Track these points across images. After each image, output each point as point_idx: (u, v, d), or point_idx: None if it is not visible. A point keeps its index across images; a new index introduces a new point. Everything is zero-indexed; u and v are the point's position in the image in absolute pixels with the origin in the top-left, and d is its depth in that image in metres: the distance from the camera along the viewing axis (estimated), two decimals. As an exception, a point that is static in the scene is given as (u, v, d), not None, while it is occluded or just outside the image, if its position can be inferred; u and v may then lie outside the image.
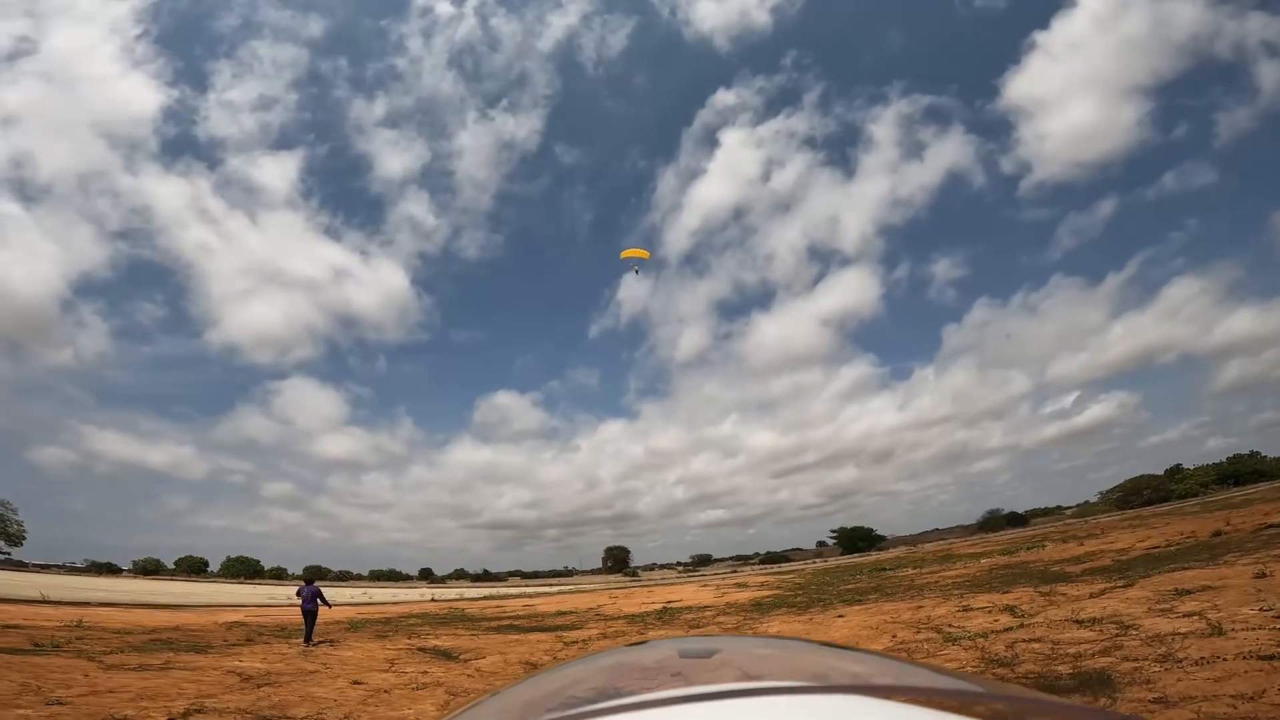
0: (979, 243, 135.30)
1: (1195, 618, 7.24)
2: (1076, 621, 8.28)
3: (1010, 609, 10.47)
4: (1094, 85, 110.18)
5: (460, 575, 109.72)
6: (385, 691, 8.56)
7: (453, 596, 45.97)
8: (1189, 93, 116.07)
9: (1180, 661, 5.58)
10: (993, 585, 14.80)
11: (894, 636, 9.83)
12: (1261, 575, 8.94)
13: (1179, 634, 6.63)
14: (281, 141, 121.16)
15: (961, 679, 0.97)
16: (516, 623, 20.82)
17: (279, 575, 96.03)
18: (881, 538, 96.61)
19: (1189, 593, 8.88)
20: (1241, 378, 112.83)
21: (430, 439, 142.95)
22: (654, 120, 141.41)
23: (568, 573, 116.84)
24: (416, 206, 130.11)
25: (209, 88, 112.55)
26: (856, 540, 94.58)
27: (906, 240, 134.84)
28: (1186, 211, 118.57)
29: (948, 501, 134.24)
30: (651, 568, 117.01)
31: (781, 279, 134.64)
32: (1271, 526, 15.18)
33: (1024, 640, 7.66)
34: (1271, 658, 5.08)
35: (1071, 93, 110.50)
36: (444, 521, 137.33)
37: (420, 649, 14.32)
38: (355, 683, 9.23)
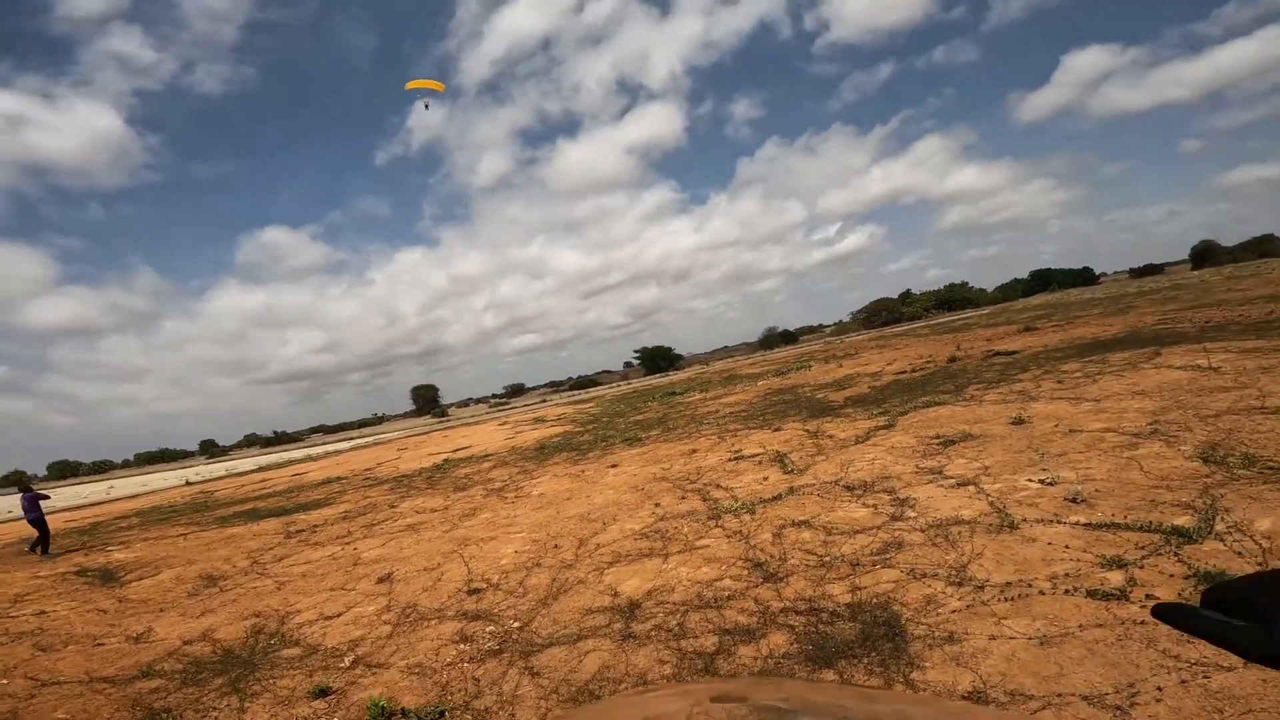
0: (775, 88, 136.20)
1: (972, 490, 6.21)
2: (848, 488, 7.12)
3: (780, 460, 9.43)
4: None
5: (252, 441, 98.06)
6: None
7: (220, 473, 39.39)
8: None
9: (981, 588, 4.13)
10: (766, 418, 14.37)
11: (657, 505, 8.23)
12: (1019, 421, 8.51)
13: (963, 521, 5.42)
14: None
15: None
16: (260, 505, 17.14)
17: (17, 481, 77.23)
18: (679, 356, 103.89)
19: (952, 443, 8.21)
20: (960, 221, 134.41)
21: (183, 288, 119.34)
22: None
23: (376, 420, 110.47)
24: (125, 43, 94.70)
25: None
26: (658, 360, 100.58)
27: (712, 80, 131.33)
28: (946, 81, 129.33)
29: (735, 319, 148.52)
30: (466, 403, 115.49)
31: (588, 109, 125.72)
32: (998, 354, 16.44)
33: (793, 524, 6.22)
34: (1106, 596, 3.69)
35: None
36: (221, 381, 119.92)
37: (80, 571, 10.44)
38: None
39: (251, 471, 36.51)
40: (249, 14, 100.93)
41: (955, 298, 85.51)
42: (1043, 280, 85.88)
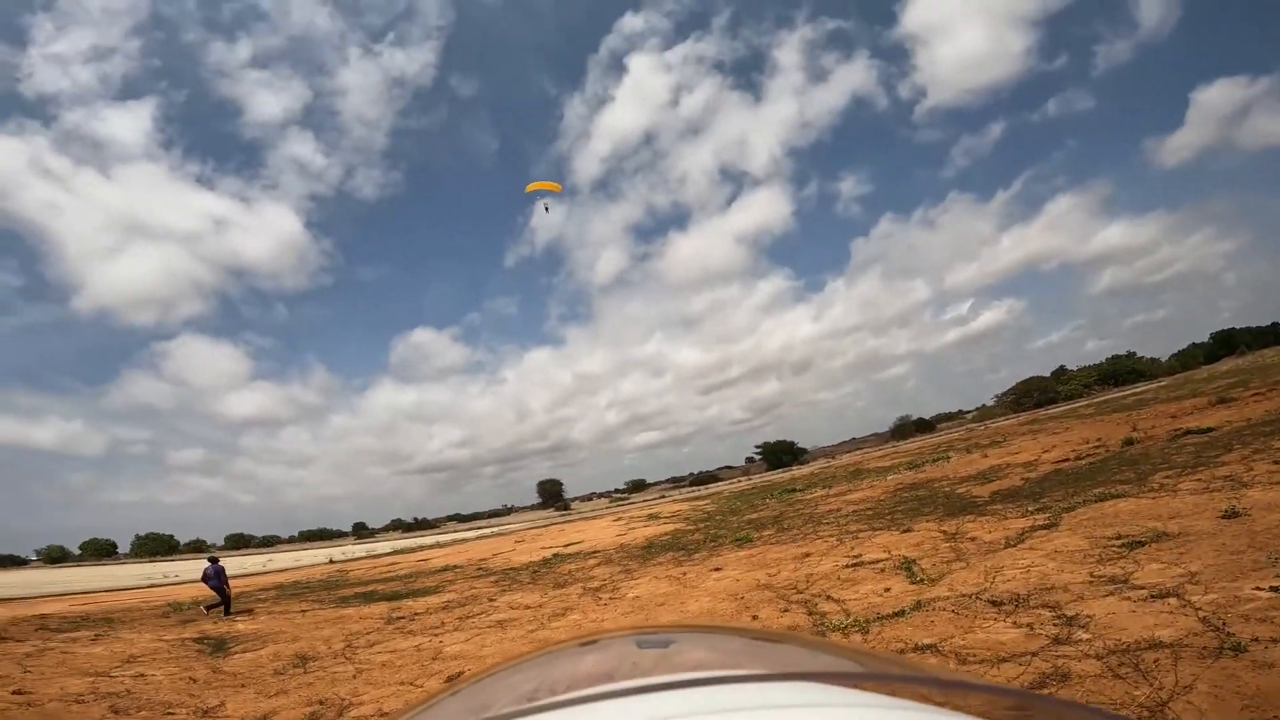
0: (881, 162, 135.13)
1: (1174, 603, 4.56)
2: (994, 603, 5.59)
3: (907, 566, 7.86)
4: (985, 14, 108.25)
5: (396, 525, 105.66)
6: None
7: (360, 553, 42.34)
8: (1072, 24, 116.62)
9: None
10: (894, 517, 12.51)
11: (754, 618, 7.04)
12: (1232, 514, 6.47)
13: (1160, 645, 3.88)
14: (127, 91, 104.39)
15: (912, 667, 0.94)
16: (380, 587, 17.72)
17: (200, 548, 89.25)
18: (803, 450, 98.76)
19: (1140, 544, 6.35)
20: (1114, 284, 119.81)
21: (347, 385, 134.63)
22: (558, 48, 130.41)
23: (505, 511, 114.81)
24: (301, 148, 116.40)
25: (29, 43, 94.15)
26: (780, 454, 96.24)
27: (814, 160, 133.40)
28: (1067, 134, 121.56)
29: (864, 408, 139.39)
30: (590, 498, 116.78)
31: (695, 200, 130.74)
32: (1190, 433, 13.42)
33: (915, 649, 4.86)
34: None
35: (965, 21, 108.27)
36: (375, 470, 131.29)
37: (200, 639, 10.99)
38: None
39: (387, 554, 38.74)
40: (394, 121, 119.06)
41: (1122, 370, 74.76)
42: (1227, 342, 72.93)
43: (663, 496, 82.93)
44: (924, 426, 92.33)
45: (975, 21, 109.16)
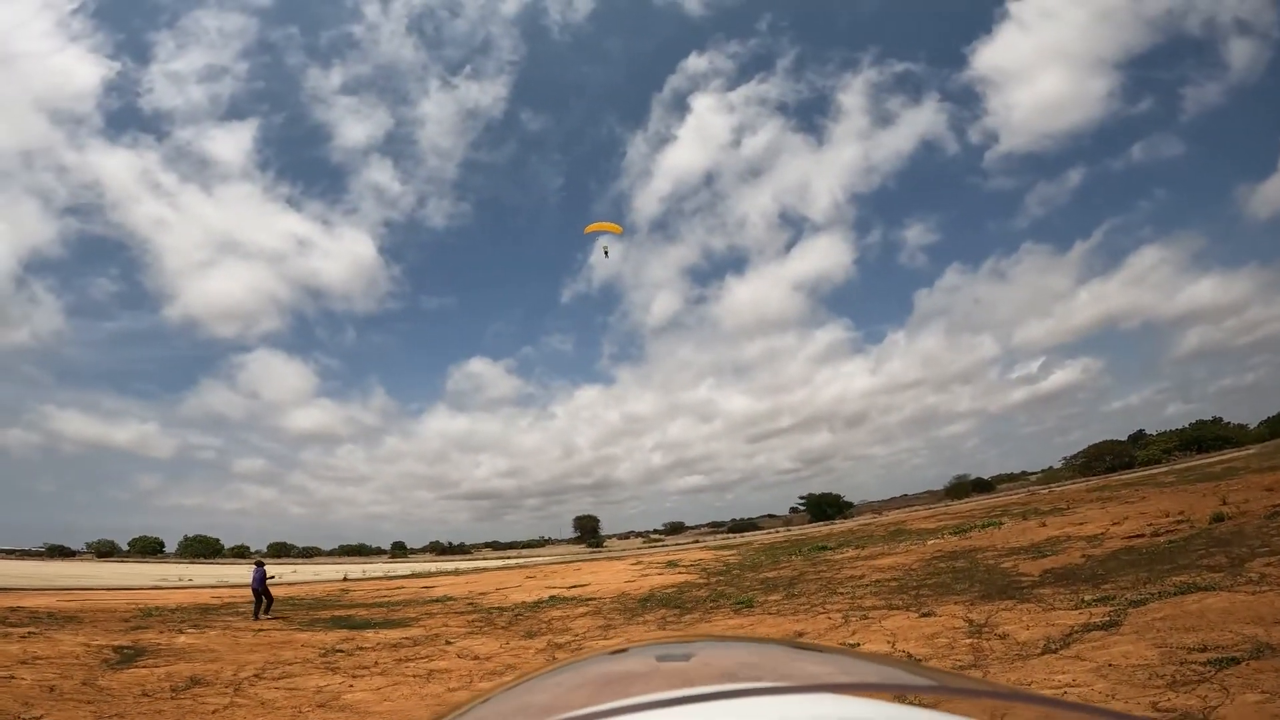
0: (949, 209, 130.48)
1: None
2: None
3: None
4: (1064, 57, 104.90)
5: (434, 548, 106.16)
6: None
7: (379, 573, 41.73)
8: (1158, 67, 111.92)
9: None
10: (919, 593, 10.46)
11: None
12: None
13: None
14: (233, 112, 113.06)
15: (936, 674, 0.93)
16: (360, 613, 16.75)
17: (242, 553, 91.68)
18: (849, 504, 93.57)
19: (1232, 661, 4.43)
20: (1202, 345, 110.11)
21: (404, 409, 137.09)
22: (623, 86, 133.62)
23: (541, 543, 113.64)
24: (380, 175, 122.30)
25: (151, 59, 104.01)
26: (824, 507, 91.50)
27: (878, 206, 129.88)
28: (1154, 182, 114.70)
29: (920, 465, 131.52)
30: (628, 535, 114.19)
31: (753, 244, 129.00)
32: (1297, 510, 10.87)
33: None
34: None
35: (1042, 64, 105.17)
36: (422, 493, 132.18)
37: (118, 648, 10.18)
38: None
39: (405, 576, 37.94)
40: (466, 153, 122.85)
41: (1206, 436, 67.84)
42: (1323, 410, 65.25)
43: (696, 542, 79.63)
44: (982, 487, 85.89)
45: (1051, 63, 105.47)
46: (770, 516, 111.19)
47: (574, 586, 21.78)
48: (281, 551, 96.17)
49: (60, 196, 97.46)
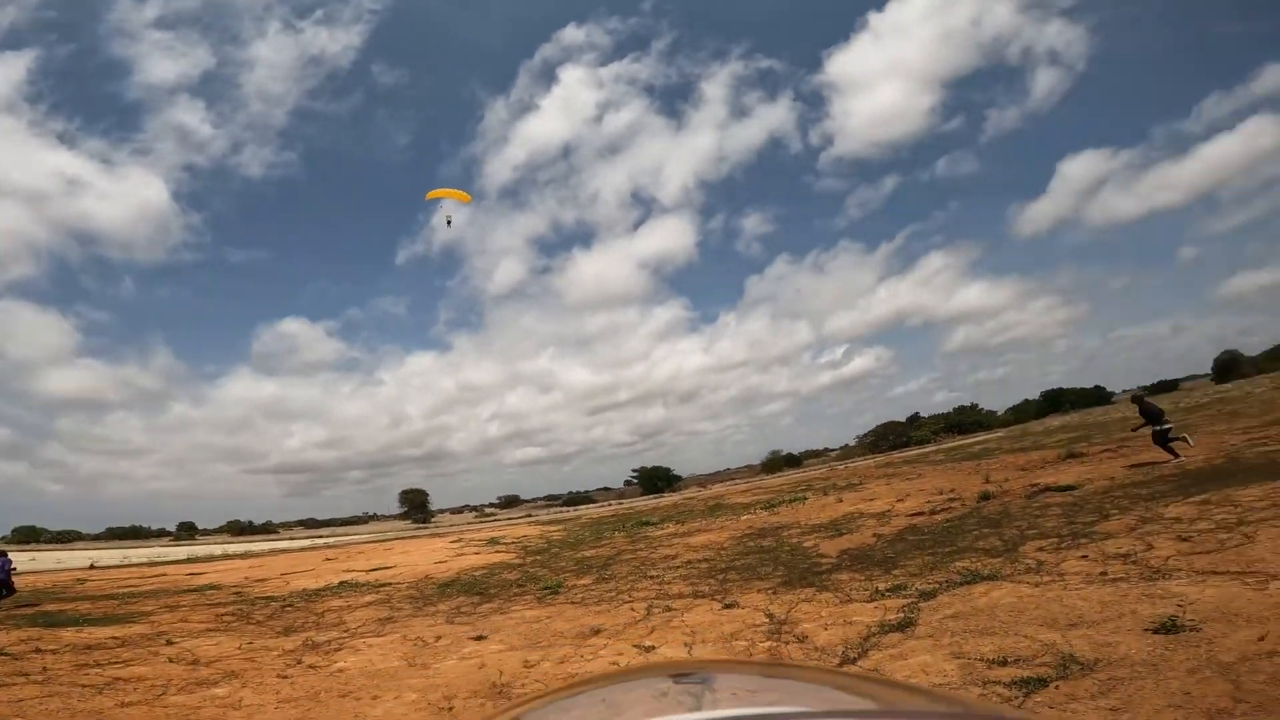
0: (785, 204, 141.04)
1: None
2: None
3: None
4: (904, 72, 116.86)
5: (232, 528, 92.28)
6: None
7: (143, 559, 34.55)
8: (974, 88, 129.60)
9: None
10: (727, 578, 9.80)
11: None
12: (1172, 628, 4.08)
13: None
14: (8, 42, 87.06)
15: (958, 701, 0.95)
16: (82, 607, 12.95)
17: None
18: (678, 477, 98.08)
19: (1039, 684, 3.77)
20: (967, 342, 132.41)
21: (196, 372, 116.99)
22: (492, 49, 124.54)
23: (364, 519, 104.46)
24: (188, 116, 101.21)
25: None
26: (655, 480, 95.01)
27: (724, 194, 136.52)
28: (950, 195, 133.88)
29: (742, 441, 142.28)
30: (462, 510, 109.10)
31: (603, 220, 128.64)
32: (1050, 490, 11.95)
33: None
34: None
35: (884, 76, 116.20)
36: (220, 466, 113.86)
37: None
38: None
39: (177, 561, 31.95)
40: (299, 101, 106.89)
41: (966, 421, 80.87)
42: (1055, 401, 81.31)
43: (529, 515, 78.23)
44: (792, 462, 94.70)
45: (892, 76, 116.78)
46: (607, 489, 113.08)
47: (376, 569, 19.13)
48: (30, 537, 77.40)
49: None
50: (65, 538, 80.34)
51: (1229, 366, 74.14)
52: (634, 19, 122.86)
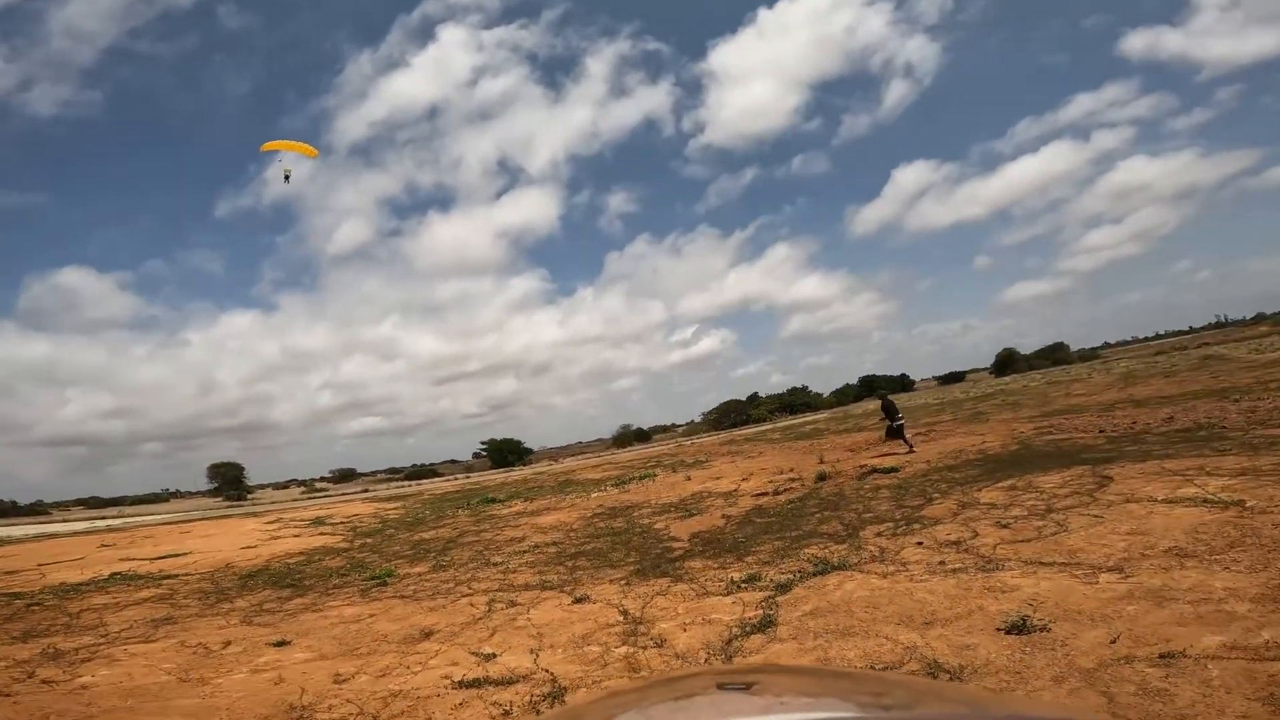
0: (651, 185, 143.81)
1: None
2: None
3: (554, 699, 4.18)
4: (779, 69, 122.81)
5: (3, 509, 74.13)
6: None
7: None
8: (835, 93, 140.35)
9: None
10: (577, 565, 9.11)
11: None
12: (1023, 628, 4.01)
13: None
14: None
15: (1012, 705, 0.98)
16: None
17: None
18: (529, 450, 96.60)
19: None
20: (800, 329, 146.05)
21: None
22: (367, 1, 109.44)
23: (164, 497, 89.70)
24: None
25: None
26: (505, 453, 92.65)
27: (593, 170, 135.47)
28: (800, 191, 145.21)
29: (595, 415, 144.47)
30: (288, 485, 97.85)
31: (464, 186, 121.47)
32: (876, 472, 12.84)
33: None
34: None
35: (761, 71, 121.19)
36: None
37: None
38: None
39: None
40: (117, 39, 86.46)
41: (797, 402, 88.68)
42: (870, 386, 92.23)
43: (365, 491, 72.19)
44: (642, 436, 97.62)
45: (767, 72, 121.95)
46: (453, 462, 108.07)
47: (165, 557, 15.77)
48: None
49: None
50: None
51: (1007, 362, 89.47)
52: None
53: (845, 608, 5.36)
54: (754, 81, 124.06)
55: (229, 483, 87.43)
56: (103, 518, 58.92)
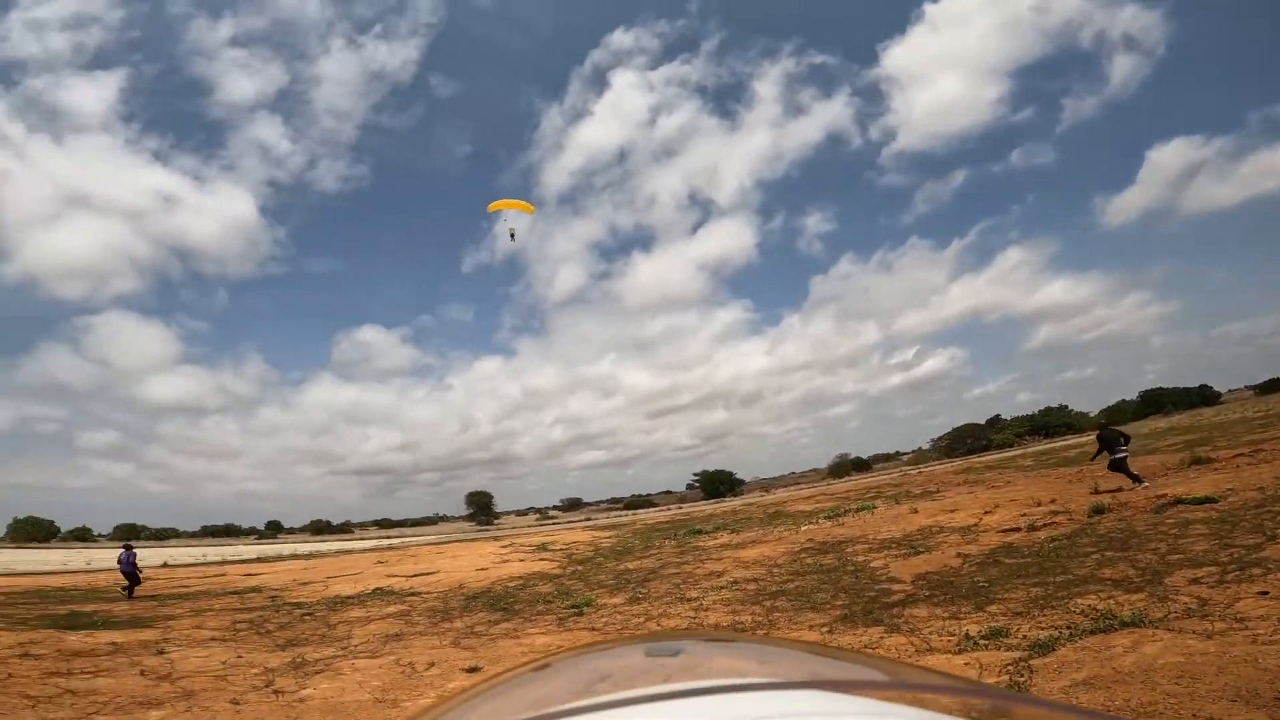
0: (846, 201, 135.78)
1: None
2: None
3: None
4: (965, 62, 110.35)
5: (314, 528, 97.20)
6: None
7: (216, 558, 36.02)
8: (1045, 77, 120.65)
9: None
10: (775, 606, 8.22)
11: None
12: None
13: None
14: (99, 61, 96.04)
15: (928, 673, 0.90)
16: (114, 609, 12.58)
17: (82, 536, 79.04)
18: (740, 481, 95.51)
19: None
20: (1050, 340, 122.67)
21: (283, 378, 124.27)
22: (543, 57, 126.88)
23: (433, 521, 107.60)
24: (268, 132, 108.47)
25: (13, 5, 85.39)
26: (717, 484, 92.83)
27: (782, 193, 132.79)
28: (1026, 187, 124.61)
29: (807, 444, 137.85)
30: (526, 512, 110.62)
31: (661, 223, 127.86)
32: (1183, 503, 9.62)
33: None
34: None
35: (944, 66, 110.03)
36: (305, 468, 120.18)
37: None
38: None
39: (248, 560, 33.52)
40: (366, 116, 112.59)
41: (1053, 422, 74.26)
42: (1155, 402, 73.29)
43: (588, 519, 77.95)
44: (861, 466, 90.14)
45: (952, 67, 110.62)
46: (668, 493, 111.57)
47: (418, 574, 18.57)
48: (131, 534, 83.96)
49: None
50: (163, 535, 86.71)
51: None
52: (681, 21, 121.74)
53: (1143, 677, 3.80)
54: (940, 78, 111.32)
55: (481, 509, 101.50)
56: (387, 537, 72.52)
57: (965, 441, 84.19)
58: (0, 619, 11.10)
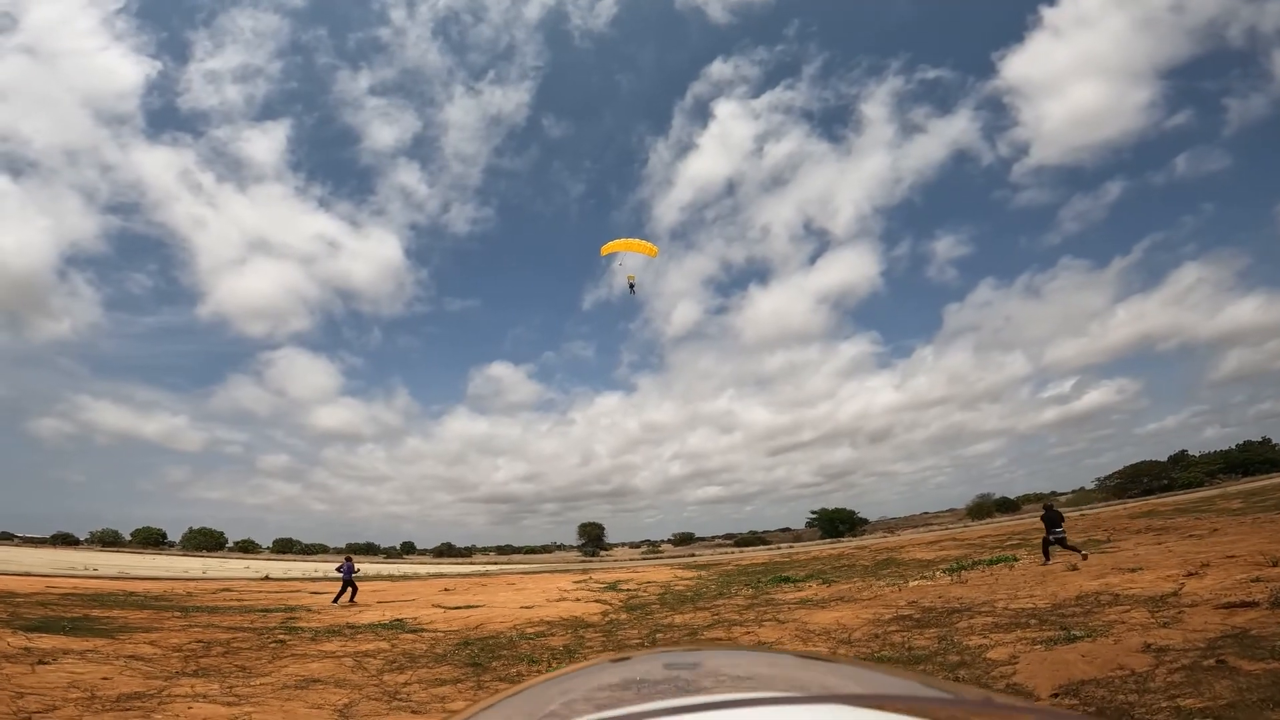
0: (980, 223, 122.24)
1: None
2: None
3: None
4: (1099, 66, 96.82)
5: (441, 550, 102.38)
6: None
7: (311, 572, 37.14)
8: (1199, 77, 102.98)
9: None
10: None
11: None
12: None
13: None
14: (267, 112, 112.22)
15: (947, 688, 0.90)
16: (134, 617, 11.73)
17: (248, 548, 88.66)
18: (862, 521, 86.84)
19: None
20: (1241, 367, 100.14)
21: (425, 410, 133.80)
22: (645, 93, 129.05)
23: (549, 549, 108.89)
24: (408, 177, 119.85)
25: (190, 58, 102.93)
26: (836, 523, 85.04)
27: (905, 218, 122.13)
28: (1199, 196, 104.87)
29: (943, 484, 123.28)
30: (640, 544, 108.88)
31: (776, 255, 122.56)
32: None
33: None
34: None
35: (1076, 73, 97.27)
36: (441, 494, 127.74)
37: None
38: None
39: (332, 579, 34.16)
40: (489, 159, 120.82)
41: (1254, 459, 60.13)
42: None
43: (693, 555, 74.07)
44: (1006, 507, 78.11)
45: (1085, 73, 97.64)
46: (785, 530, 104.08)
47: (461, 607, 16.82)
48: (285, 548, 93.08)
49: (102, 193, 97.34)
50: (313, 550, 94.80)
51: None
52: (780, 46, 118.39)
53: None
54: (1074, 85, 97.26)
55: (591, 540, 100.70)
56: (496, 563, 73.46)
57: (1141, 480, 70.30)
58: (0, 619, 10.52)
